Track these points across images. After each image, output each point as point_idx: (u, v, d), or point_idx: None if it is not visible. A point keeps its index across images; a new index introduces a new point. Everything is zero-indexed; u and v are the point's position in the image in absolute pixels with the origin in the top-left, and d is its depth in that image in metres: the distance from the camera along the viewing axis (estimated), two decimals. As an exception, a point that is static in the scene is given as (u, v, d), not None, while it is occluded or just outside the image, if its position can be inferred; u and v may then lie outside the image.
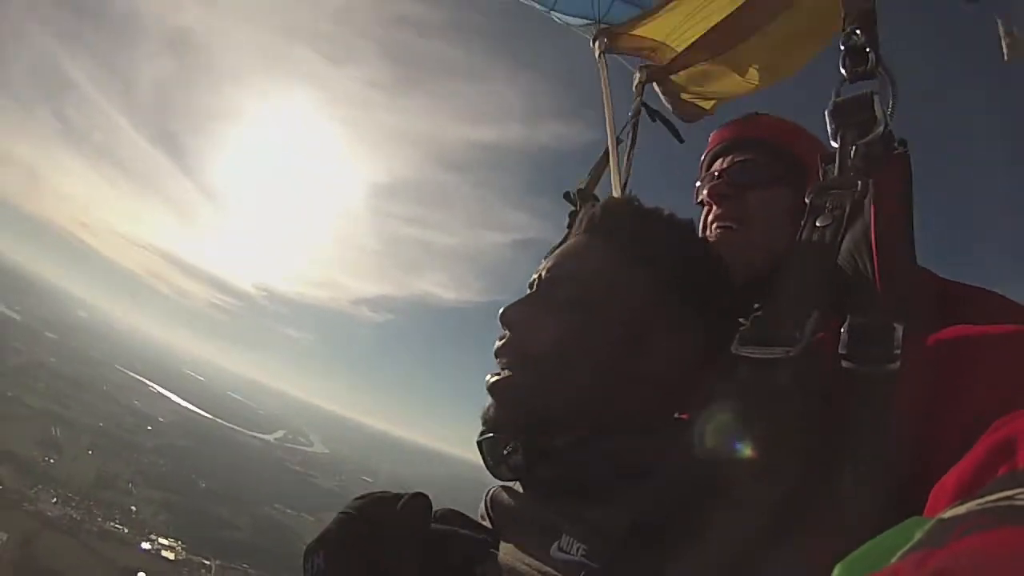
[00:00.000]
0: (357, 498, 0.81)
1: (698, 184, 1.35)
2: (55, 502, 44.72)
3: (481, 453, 0.86)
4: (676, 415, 0.90)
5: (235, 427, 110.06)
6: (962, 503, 0.33)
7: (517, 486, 0.87)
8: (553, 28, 2.54)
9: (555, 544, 0.69)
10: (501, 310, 0.89)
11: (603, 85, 2.26)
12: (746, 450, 0.63)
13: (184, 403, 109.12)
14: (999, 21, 1.52)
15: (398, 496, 0.80)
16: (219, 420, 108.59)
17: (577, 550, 0.67)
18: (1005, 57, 1.50)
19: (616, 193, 2.01)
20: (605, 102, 2.22)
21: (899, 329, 0.66)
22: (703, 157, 1.40)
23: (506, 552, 0.77)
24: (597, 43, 2.29)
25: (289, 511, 67.31)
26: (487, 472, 0.88)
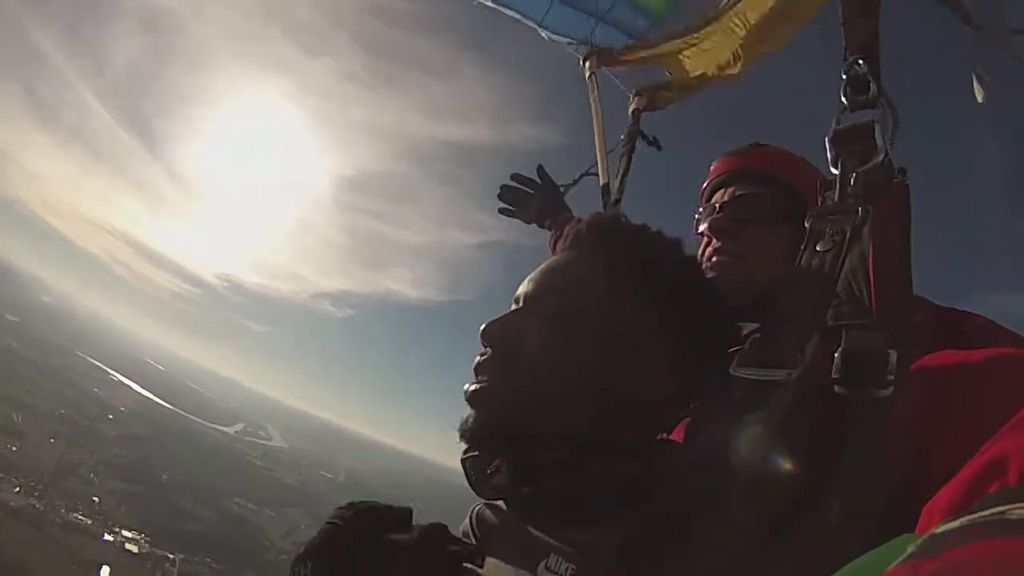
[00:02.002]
0: (340, 508, 0.78)
1: (698, 215, 1.34)
2: (17, 491, 44.53)
3: (465, 471, 0.84)
4: (666, 435, 0.90)
5: (195, 418, 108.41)
6: (954, 518, 0.34)
7: (502, 504, 0.84)
8: (528, 30, 2.57)
9: (542, 563, 0.68)
10: (483, 326, 0.85)
11: (592, 104, 2.26)
12: (741, 471, 0.63)
13: (145, 392, 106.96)
14: (972, 70, 1.61)
15: (384, 508, 0.78)
16: (179, 411, 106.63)
17: (566, 570, 0.66)
18: (978, 99, 1.61)
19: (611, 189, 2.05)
20: (595, 122, 2.21)
21: (893, 356, 0.66)
22: (704, 187, 1.39)
23: (491, 570, 0.76)
24: (588, 63, 2.32)
25: (251, 505, 67.65)
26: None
